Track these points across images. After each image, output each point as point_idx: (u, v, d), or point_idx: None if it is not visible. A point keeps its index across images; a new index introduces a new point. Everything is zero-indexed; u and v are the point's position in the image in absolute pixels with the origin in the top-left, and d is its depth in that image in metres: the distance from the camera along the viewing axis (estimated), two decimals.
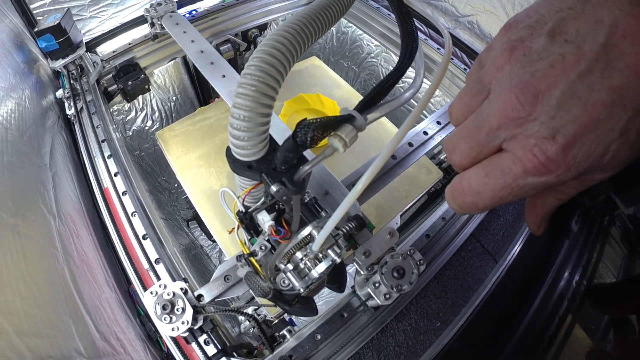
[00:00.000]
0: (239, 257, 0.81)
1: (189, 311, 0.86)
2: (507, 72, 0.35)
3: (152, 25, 1.69)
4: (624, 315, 1.00)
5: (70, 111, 1.44)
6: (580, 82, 0.30)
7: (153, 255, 1.08)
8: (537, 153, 0.31)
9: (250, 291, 0.78)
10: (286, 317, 1.15)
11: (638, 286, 1.04)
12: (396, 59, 0.68)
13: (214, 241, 2.76)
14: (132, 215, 1.17)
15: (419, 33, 0.77)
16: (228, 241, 1.38)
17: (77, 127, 1.43)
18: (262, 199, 0.83)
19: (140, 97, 2.15)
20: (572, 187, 0.41)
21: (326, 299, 2.40)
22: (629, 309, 0.99)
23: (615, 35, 0.30)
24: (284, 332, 1.02)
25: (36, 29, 1.48)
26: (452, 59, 1.76)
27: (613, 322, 1.02)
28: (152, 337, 1.07)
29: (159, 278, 1.05)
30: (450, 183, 0.41)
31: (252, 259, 0.80)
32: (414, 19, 0.70)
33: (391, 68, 0.65)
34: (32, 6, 1.64)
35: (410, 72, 1.50)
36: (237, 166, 0.73)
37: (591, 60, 0.30)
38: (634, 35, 0.29)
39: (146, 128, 2.34)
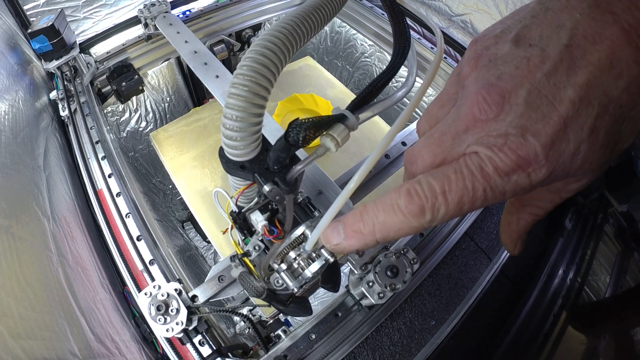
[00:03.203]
0: (232, 258, 0.81)
1: (184, 312, 0.86)
2: (473, 78, 0.35)
3: (146, 26, 1.69)
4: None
5: (64, 112, 1.44)
6: (546, 81, 0.31)
7: (147, 257, 1.08)
8: (507, 151, 0.31)
9: (245, 291, 0.78)
10: (281, 317, 1.15)
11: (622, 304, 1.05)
12: (390, 58, 0.68)
13: (208, 242, 2.76)
14: (126, 216, 1.16)
15: (412, 32, 0.78)
16: (223, 242, 1.38)
17: (71, 128, 1.42)
18: (256, 199, 0.83)
19: (134, 98, 2.15)
20: (548, 200, 0.41)
21: (321, 299, 2.40)
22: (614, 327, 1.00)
23: (576, 36, 0.30)
24: (279, 332, 1.02)
25: (29, 30, 1.48)
26: (445, 57, 1.76)
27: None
28: (147, 338, 1.07)
29: (153, 279, 1.05)
30: (400, 185, 0.36)
31: (245, 259, 0.80)
32: (407, 18, 0.70)
33: (385, 68, 0.65)
34: (25, 7, 1.64)
35: (404, 72, 1.51)
36: (230, 166, 0.73)
37: (555, 60, 0.31)
38: (595, 35, 0.30)
39: (140, 129, 2.34)
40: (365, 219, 0.38)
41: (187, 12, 1.93)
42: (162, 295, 0.87)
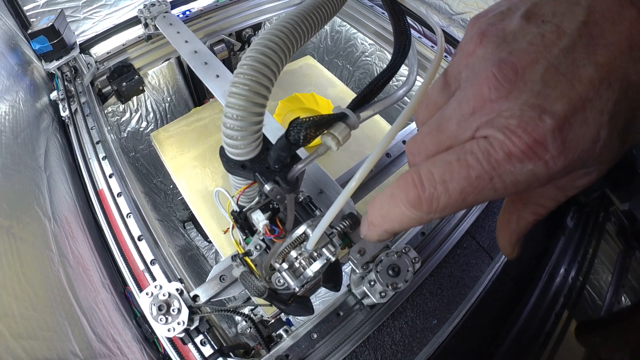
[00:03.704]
0: (234, 257, 0.81)
1: (185, 312, 0.86)
2: (480, 56, 0.32)
3: (146, 26, 1.69)
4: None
5: (64, 113, 1.44)
6: (563, 58, 0.28)
7: (148, 257, 1.08)
8: (522, 134, 0.27)
9: (246, 291, 0.78)
10: (283, 316, 1.15)
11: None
12: (390, 57, 0.68)
13: (210, 242, 2.76)
14: (127, 216, 1.16)
15: (412, 31, 0.78)
16: (224, 242, 1.38)
17: (71, 128, 1.42)
18: (257, 199, 0.83)
19: (134, 98, 2.15)
20: (552, 197, 0.37)
21: (323, 298, 2.40)
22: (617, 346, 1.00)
23: (594, 14, 0.28)
24: (281, 331, 1.03)
25: (30, 31, 1.48)
26: (446, 56, 1.76)
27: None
28: (148, 338, 1.06)
29: (154, 279, 1.05)
30: (404, 173, 0.33)
31: (247, 258, 0.80)
32: (407, 17, 0.70)
33: (385, 66, 0.65)
34: (25, 8, 1.64)
35: (404, 70, 1.50)
36: (231, 166, 0.73)
37: (573, 37, 0.28)
38: (613, 13, 0.27)
39: (141, 129, 2.34)
40: (375, 210, 0.36)
41: (187, 12, 1.93)
42: (164, 295, 0.87)
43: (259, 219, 0.79)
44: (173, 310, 0.86)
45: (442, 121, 0.33)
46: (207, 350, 0.92)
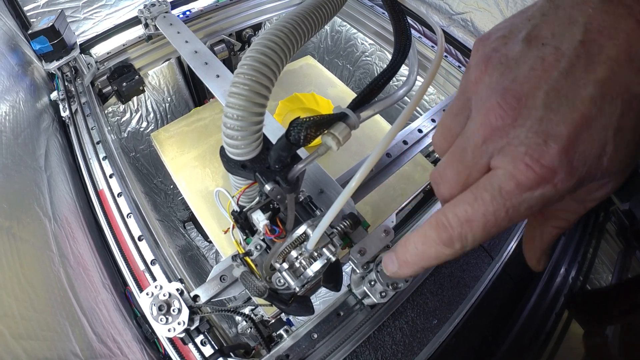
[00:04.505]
0: (234, 257, 0.81)
1: (185, 312, 0.86)
2: (485, 83, 0.33)
3: (146, 26, 1.69)
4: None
5: (65, 113, 1.44)
6: (564, 80, 0.29)
7: (149, 257, 1.08)
8: (530, 162, 0.29)
9: (246, 291, 0.78)
10: (283, 317, 1.15)
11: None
12: (390, 57, 0.68)
13: (210, 242, 2.76)
14: (127, 216, 1.16)
15: (413, 31, 0.78)
16: (224, 242, 1.38)
17: (72, 129, 1.42)
18: (257, 199, 0.83)
19: (135, 98, 2.16)
20: (572, 211, 0.39)
21: (323, 298, 2.41)
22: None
23: (591, 32, 0.29)
24: (281, 331, 1.03)
25: (30, 31, 1.48)
26: (446, 56, 1.76)
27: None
28: (149, 338, 1.06)
29: (154, 279, 1.05)
30: (432, 215, 0.36)
31: (247, 258, 0.80)
32: (408, 17, 0.70)
33: (386, 66, 0.65)
34: (25, 8, 1.64)
35: (404, 70, 1.51)
36: (231, 166, 0.73)
37: (571, 57, 0.29)
38: (610, 28, 0.28)
39: (141, 129, 2.34)
40: (410, 250, 0.38)
41: (187, 12, 1.93)
42: (164, 295, 0.87)
43: (260, 219, 0.79)
44: (173, 311, 0.86)
45: (459, 151, 0.35)
46: (208, 351, 0.92)
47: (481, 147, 0.32)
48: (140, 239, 1.12)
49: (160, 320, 0.85)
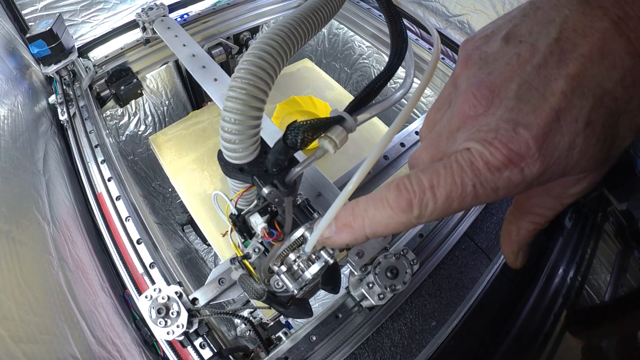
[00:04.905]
0: (232, 260, 0.81)
1: (184, 314, 0.86)
2: (464, 77, 0.35)
3: (144, 29, 1.69)
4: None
5: (63, 117, 1.44)
6: (536, 74, 0.30)
7: (147, 260, 1.08)
8: (498, 145, 0.30)
9: (245, 294, 0.79)
10: (282, 319, 1.15)
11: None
12: (387, 59, 0.68)
13: (209, 245, 2.76)
14: (126, 220, 1.17)
15: (409, 34, 0.78)
16: (223, 244, 1.39)
17: (70, 132, 1.43)
18: (255, 202, 0.83)
19: (133, 101, 2.16)
20: (549, 207, 0.39)
21: (321, 301, 2.40)
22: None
23: (566, 30, 0.30)
24: (280, 334, 1.03)
25: (28, 35, 1.48)
26: (443, 58, 1.77)
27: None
28: (147, 341, 1.07)
29: (153, 282, 1.05)
30: (393, 179, 0.35)
31: (245, 261, 0.80)
32: (404, 20, 0.70)
33: (382, 69, 0.65)
34: (23, 12, 1.64)
35: (401, 73, 1.51)
36: (229, 169, 0.74)
37: (545, 54, 0.30)
38: (585, 28, 0.29)
39: (139, 133, 2.34)
40: (355, 212, 0.37)
41: (185, 16, 1.93)
42: (163, 298, 0.87)
43: (258, 222, 0.79)
44: (172, 314, 0.86)
45: (435, 137, 0.36)
46: (207, 353, 0.92)
47: (455, 133, 0.34)
48: (139, 242, 1.12)
49: (159, 323, 0.85)
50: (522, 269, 0.45)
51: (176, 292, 0.89)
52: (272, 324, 1.10)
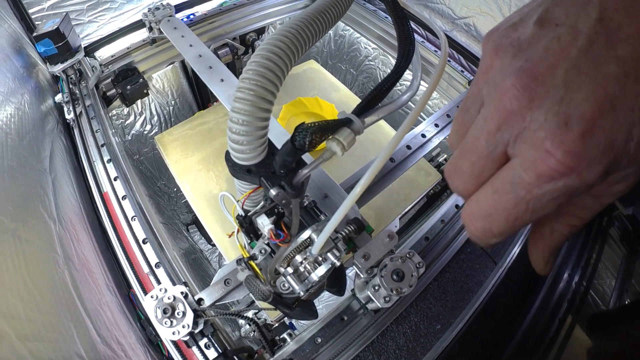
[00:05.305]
0: (238, 261, 0.81)
1: (190, 315, 0.86)
2: (497, 68, 0.31)
3: (151, 29, 1.69)
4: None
5: (69, 116, 1.45)
6: (583, 58, 0.27)
7: (153, 260, 1.08)
8: (551, 148, 0.26)
9: (251, 295, 0.79)
10: (286, 320, 1.15)
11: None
12: (394, 61, 0.68)
13: (213, 245, 2.76)
14: (132, 219, 1.17)
15: (416, 36, 0.78)
16: (228, 245, 1.38)
17: (76, 131, 1.43)
18: (262, 203, 0.83)
19: (139, 101, 2.16)
20: (588, 207, 0.34)
21: (326, 303, 2.40)
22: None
23: (607, 10, 0.27)
24: (285, 335, 1.03)
25: (35, 34, 1.48)
26: (449, 61, 1.77)
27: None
28: (152, 341, 1.07)
29: (159, 282, 1.05)
30: (463, 207, 0.35)
31: (252, 262, 0.80)
32: (411, 22, 0.70)
33: (389, 71, 0.65)
34: (30, 11, 1.64)
35: (408, 75, 1.51)
36: (237, 170, 0.74)
37: (590, 35, 0.27)
38: (627, 7, 0.26)
39: (145, 132, 2.35)
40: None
41: (191, 16, 1.93)
42: (169, 298, 0.87)
43: (264, 223, 0.79)
44: (178, 314, 0.86)
45: (472, 141, 0.32)
46: (212, 354, 0.92)
47: (495, 134, 0.30)
48: (144, 241, 1.12)
49: (165, 323, 0.85)
50: (527, 273, 0.44)
51: (182, 292, 0.89)
52: (276, 325, 1.10)
